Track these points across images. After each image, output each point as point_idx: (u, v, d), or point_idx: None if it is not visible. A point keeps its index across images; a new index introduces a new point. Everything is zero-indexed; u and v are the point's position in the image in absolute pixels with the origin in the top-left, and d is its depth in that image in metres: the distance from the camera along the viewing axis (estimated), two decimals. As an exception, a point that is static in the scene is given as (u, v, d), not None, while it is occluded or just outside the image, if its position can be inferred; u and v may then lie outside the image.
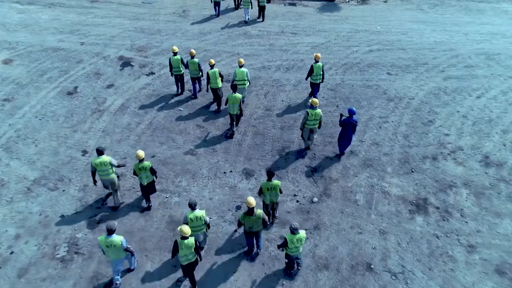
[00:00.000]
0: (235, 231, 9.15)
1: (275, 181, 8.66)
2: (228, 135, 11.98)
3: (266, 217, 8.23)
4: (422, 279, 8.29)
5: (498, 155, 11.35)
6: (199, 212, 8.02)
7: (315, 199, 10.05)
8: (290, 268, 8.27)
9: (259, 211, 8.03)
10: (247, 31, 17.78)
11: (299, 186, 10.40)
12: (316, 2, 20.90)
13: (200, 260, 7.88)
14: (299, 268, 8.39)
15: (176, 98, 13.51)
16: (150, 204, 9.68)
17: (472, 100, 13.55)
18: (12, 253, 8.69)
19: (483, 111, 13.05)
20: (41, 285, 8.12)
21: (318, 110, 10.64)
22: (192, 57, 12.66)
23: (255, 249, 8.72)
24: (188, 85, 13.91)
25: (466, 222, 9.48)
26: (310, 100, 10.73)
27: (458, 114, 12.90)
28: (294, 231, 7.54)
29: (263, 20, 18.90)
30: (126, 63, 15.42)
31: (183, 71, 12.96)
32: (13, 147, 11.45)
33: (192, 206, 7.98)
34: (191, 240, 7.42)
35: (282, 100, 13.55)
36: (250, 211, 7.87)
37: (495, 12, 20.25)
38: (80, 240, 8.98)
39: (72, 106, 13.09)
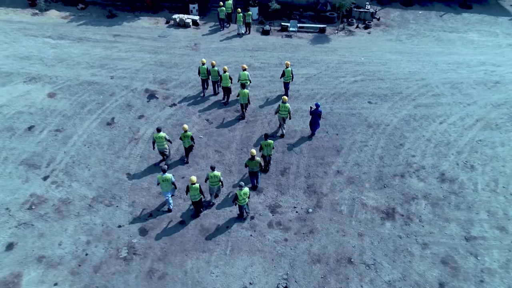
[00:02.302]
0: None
1: (269, 141, 13.56)
2: (240, 118, 16.96)
3: (262, 162, 13.46)
4: (388, 268, 11.47)
5: (452, 172, 14.57)
6: (216, 172, 12.50)
7: (310, 210, 13.20)
8: (241, 216, 12.65)
9: (258, 158, 12.86)
10: (251, 63, 20.85)
11: (297, 200, 13.55)
12: (309, 34, 24.02)
13: (204, 197, 12.58)
14: (248, 213, 12.71)
15: (197, 127, 16.57)
16: (187, 160, 14.83)
17: (436, 126, 16.77)
18: (86, 254, 11.75)
19: (444, 135, 16.28)
20: (112, 277, 11.19)
21: (287, 104, 15.27)
22: (213, 66, 17.42)
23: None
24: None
25: (423, 226, 12.68)
26: (282, 97, 15.34)
27: (424, 138, 16.12)
28: (240, 187, 11.81)
29: (249, 33, 23.95)
30: (151, 95, 18.45)
31: (208, 77, 17.79)
32: (71, 172, 14.48)
33: (213, 168, 12.44)
34: (197, 185, 11.94)
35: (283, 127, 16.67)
36: (252, 158, 12.68)
37: (463, 42, 23.51)
38: (136, 244, 12.05)
39: (112, 135, 16.12)
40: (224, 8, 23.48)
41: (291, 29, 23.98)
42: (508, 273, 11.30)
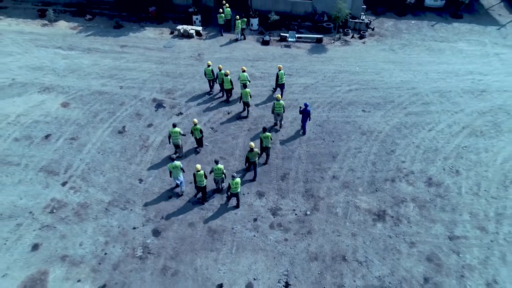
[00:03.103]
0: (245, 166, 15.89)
1: (267, 133, 15.52)
2: (241, 112, 19.10)
3: (259, 152, 15.28)
4: (378, 265, 12.71)
5: (438, 177, 15.82)
6: (220, 166, 14.32)
7: (308, 212, 14.42)
8: (229, 198, 14.79)
9: (256, 150, 14.91)
10: (252, 73, 22.02)
11: (296, 203, 14.77)
12: (307, 44, 25.22)
13: (206, 178, 14.18)
14: (239, 203, 14.56)
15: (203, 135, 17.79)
16: (199, 150, 16.98)
17: (425, 133, 18.01)
18: (105, 254, 12.95)
19: (432, 142, 17.52)
20: (130, 274, 12.39)
21: (281, 102, 17.22)
22: (220, 70, 19.24)
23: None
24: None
25: (411, 227, 13.92)
26: (276, 96, 17.32)
27: (413, 145, 17.36)
28: (233, 177, 13.60)
29: (244, 39, 25.53)
30: (159, 104, 19.64)
31: (213, 77, 19.80)
32: (87, 178, 15.66)
33: (216, 162, 14.28)
34: (201, 172, 13.84)
35: (282, 135, 17.90)
36: (251, 149, 14.74)
37: (452, 52, 24.74)
38: (150, 244, 13.26)
39: (124, 143, 17.30)
40: (223, 15, 25.06)
41: (290, 39, 25.18)
42: (486, 269, 12.55)
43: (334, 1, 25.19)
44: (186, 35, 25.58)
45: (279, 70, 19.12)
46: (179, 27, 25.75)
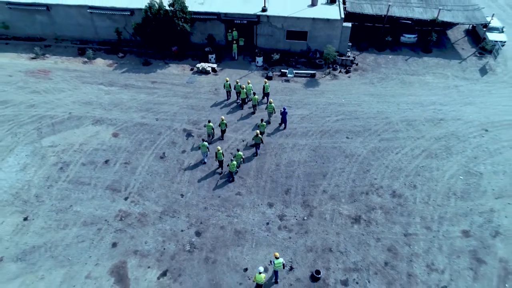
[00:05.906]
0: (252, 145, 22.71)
1: (263, 123, 23.71)
2: (252, 112, 26.98)
3: (262, 137, 22.81)
4: (354, 254, 18.40)
5: (400, 190, 21.55)
6: (240, 153, 21.63)
7: (305, 218, 20.08)
8: (231, 178, 21.54)
9: (260, 136, 22.48)
10: (261, 107, 27.65)
11: (297, 211, 20.43)
12: (303, 78, 30.87)
13: (223, 155, 21.72)
14: (233, 179, 21.50)
15: (224, 159, 23.30)
16: (222, 137, 24.63)
17: (393, 156, 23.74)
18: (164, 249, 18.53)
19: (398, 162, 23.25)
20: (183, 263, 17.98)
21: (273, 104, 25.01)
22: (237, 83, 26.85)
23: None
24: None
25: (378, 227, 19.63)
26: (269, 101, 25.00)
27: (384, 165, 23.08)
28: (231, 160, 21.36)
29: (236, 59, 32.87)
30: (189, 134, 25.21)
31: (230, 89, 27.61)
32: (143, 194, 21.21)
33: (238, 150, 21.26)
34: (221, 151, 21.43)
35: (285, 158, 23.56)
36: (257, 135, 22.47)
37: (420, 84, 30.49)
38: (194, 242, 18.85)
39: (166, 166, 22.86)
40: (231, 35, 32.87)
41: (289, 75, 30.82)
42: (427, 255, 18.30)
43: (325, 42, 30.92)
44: (204, 71, 31.14)
45: (265, 83, 26.93)
46: (198, 65, 31.28)
